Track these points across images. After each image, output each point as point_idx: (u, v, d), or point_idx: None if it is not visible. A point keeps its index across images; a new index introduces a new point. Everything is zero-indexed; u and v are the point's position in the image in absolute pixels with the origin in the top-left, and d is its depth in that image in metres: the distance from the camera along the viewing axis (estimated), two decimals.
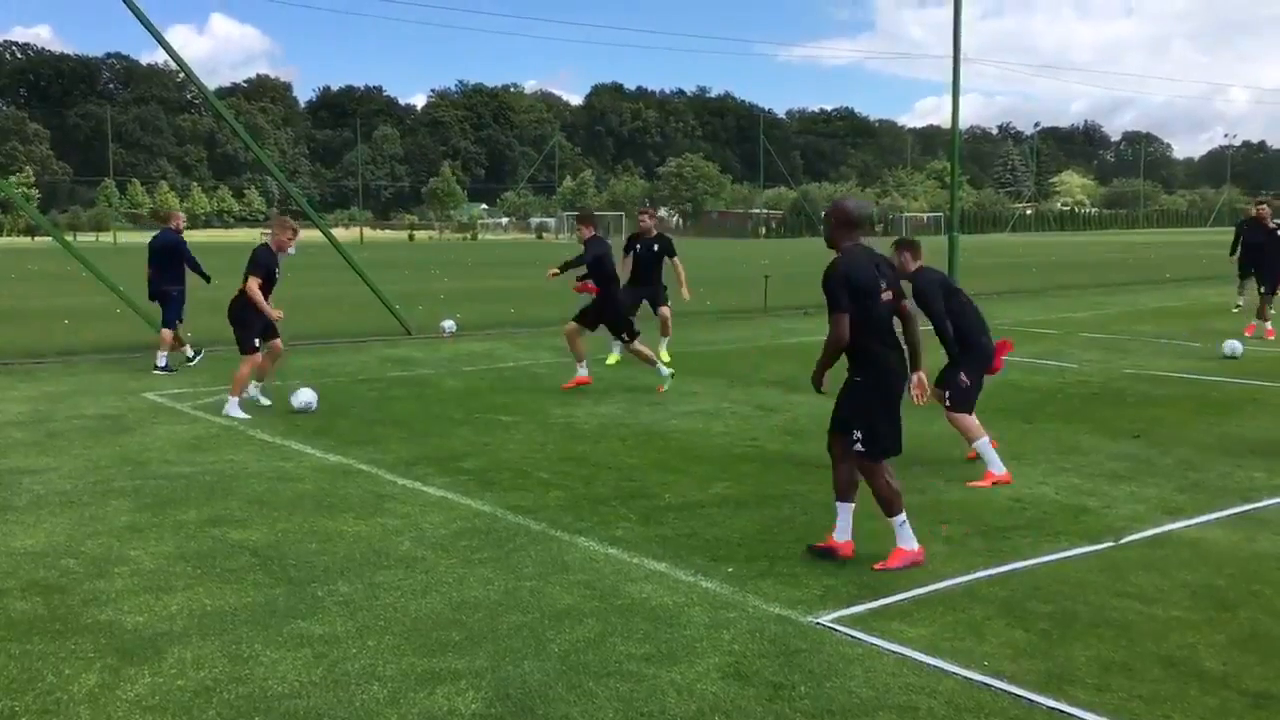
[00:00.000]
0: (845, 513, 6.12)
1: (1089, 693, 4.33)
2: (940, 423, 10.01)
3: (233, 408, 10.47)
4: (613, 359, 13.74)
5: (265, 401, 10.98)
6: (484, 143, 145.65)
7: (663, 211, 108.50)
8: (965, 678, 4.49)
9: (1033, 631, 4.98)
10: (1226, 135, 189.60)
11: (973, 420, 8.04)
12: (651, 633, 5.02)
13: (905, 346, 6.07)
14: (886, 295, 5.88)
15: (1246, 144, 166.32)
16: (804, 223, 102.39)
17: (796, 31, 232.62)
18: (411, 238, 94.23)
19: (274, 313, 10.66)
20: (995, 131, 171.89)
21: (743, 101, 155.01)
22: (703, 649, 4.82)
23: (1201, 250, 47.18)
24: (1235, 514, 6.91)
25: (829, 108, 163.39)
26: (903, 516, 5.93)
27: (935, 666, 4.60)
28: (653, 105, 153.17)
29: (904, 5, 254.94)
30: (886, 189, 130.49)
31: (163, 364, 13.57)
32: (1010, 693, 4.34)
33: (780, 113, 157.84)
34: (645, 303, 13.90)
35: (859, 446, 5.93)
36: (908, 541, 5.93)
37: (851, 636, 4.95)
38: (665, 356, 13.58)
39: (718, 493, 7.57)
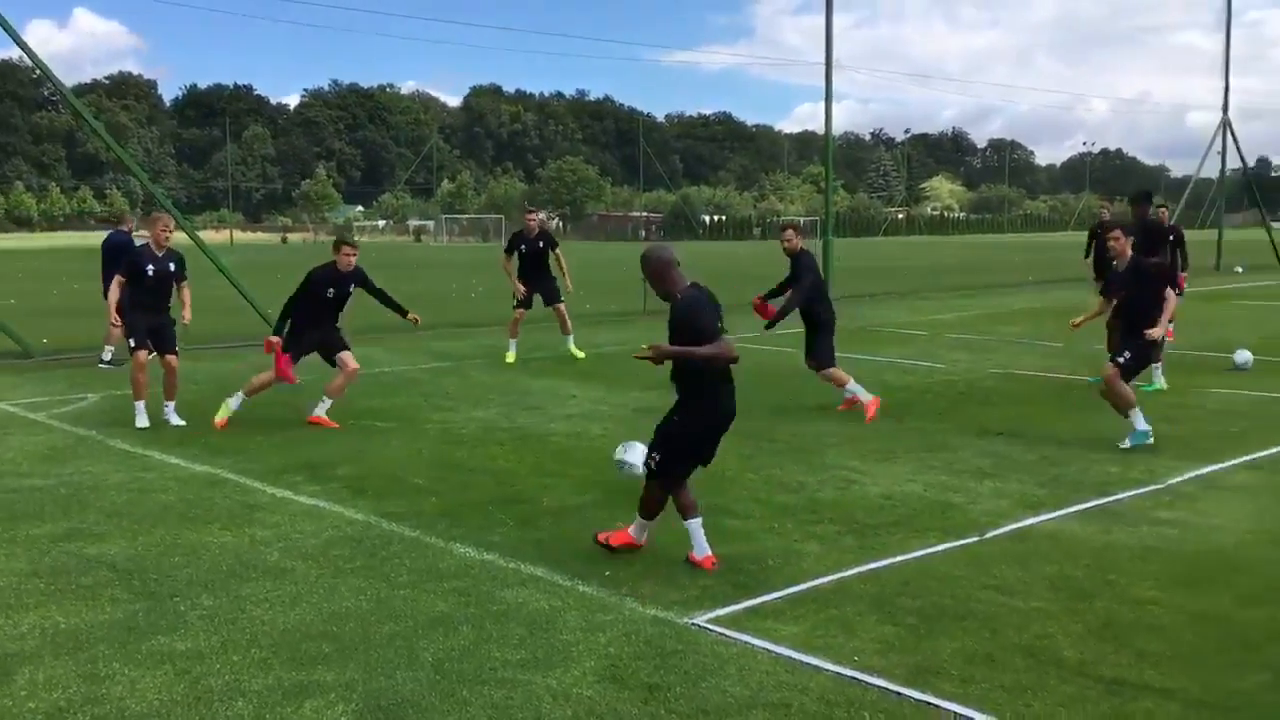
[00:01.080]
0: (695, 530, 6.05)
1: (954, 684, 4.45)
2: (816, 424, 10.21)
3: (141, 417, 10.09)
4: (510, 357, 14.58)
5: (176, 421, 10.18)
6: (360, 144, 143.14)
7: (543, 214, 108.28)
8: (837, 673, 4.57)
9: (901, 626, 5.09)
10: (1086, 143, 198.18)
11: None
12: (527, 638, 4.98)
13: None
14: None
15: (1105, 151, 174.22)
16: (684, 226, 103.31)
17: (676, 36, 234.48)
18: (285, 240, 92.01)
19: (114, 317, 10.20)
20: (869, 138, 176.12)
21: (622, 105, 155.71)
22: (579, 653, 4.80)
23: (1063, 253, 49.07)
24: (1092, 507, 7.18)
25: (708, 112, 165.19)
26: (652, 523, 6.16)
27: (808, 663, 4.67)
28: (532, 108, 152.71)
29: (781, 13, 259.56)
30: (764, 193, 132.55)
31: (107, 359, 14.14)
32: (879, 686, 4.43)
33: (660, 117, 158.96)
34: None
35: (651, 465, 5.98)
36: (640, 533, 6.18)
37: (726, 636, 4.99)
38: (578, 353, 14.76)
39: (596, 496, 7.56)
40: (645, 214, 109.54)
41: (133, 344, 10.20)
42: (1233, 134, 37.03)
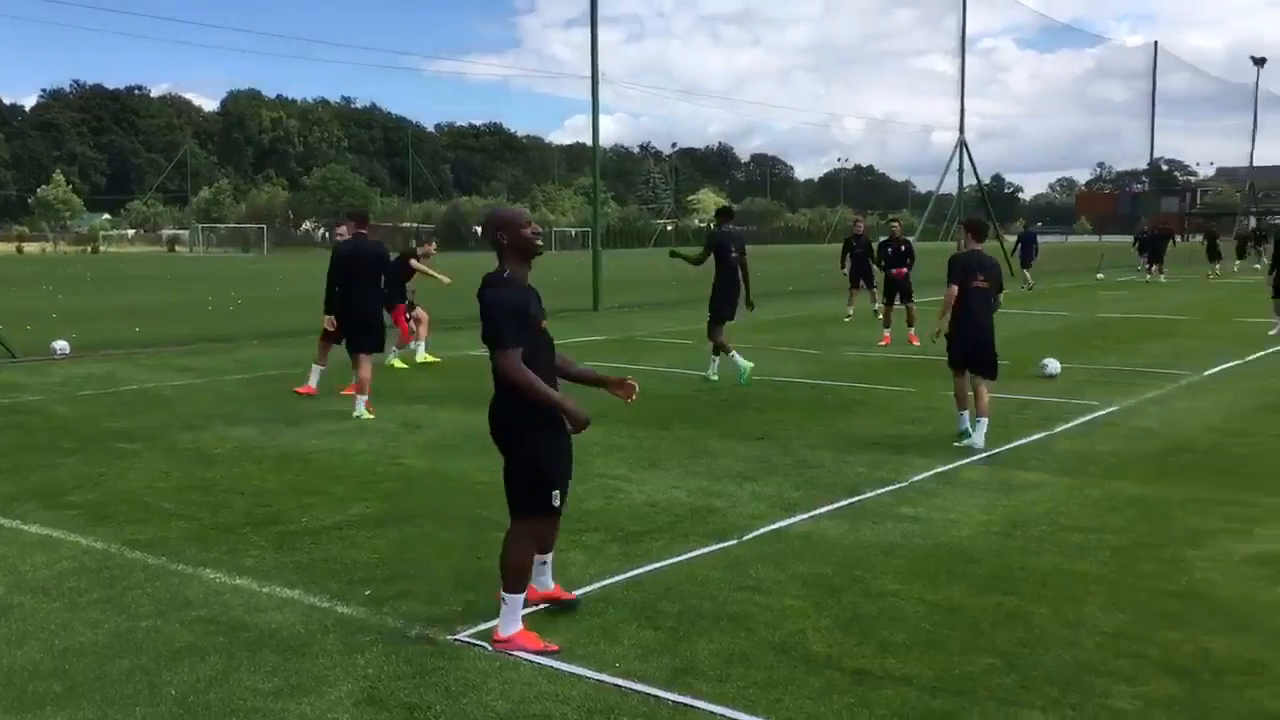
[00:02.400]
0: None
1: (710, 684, 4.57)
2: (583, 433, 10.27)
3: None
4: (397, 361, 14.82)
5: None
6: (105, 148, 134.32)
7: (306, 224, 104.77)
8: (598, 681, 4.61)
9: (662, 630, 5.19)
10: (840, 159, 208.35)
11: None
12: (280, 665, 4.78)
13: None
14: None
15: (858, 167, 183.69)
16: (456, 237, 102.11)
17: (445, 45, 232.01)
18: (20, 250, 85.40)
19: None
20: (637, 151, 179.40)
21: (390, 113, 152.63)
22: (335, 677, 4.65)
23: (819, 264, 51.39)
24: (843, 506, 7.53)
25: (479, 123, 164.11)
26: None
27: (570, 672, 4.69)
28: (295, 113, 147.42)
29: (550, 26, 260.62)
30: (536, 204, 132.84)
31: None
32: (639, 691, 4.50)
33: (429, 126, 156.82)
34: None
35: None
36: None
37: (489, 650, 4.95)
38: (429, 358, 15.15)
39: (358, 513, 7.36)
40: (416, 225, 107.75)
41: None
42: (968, 153, 39.88)
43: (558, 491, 5.11)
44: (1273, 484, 8.07)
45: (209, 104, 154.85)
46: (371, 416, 10.89)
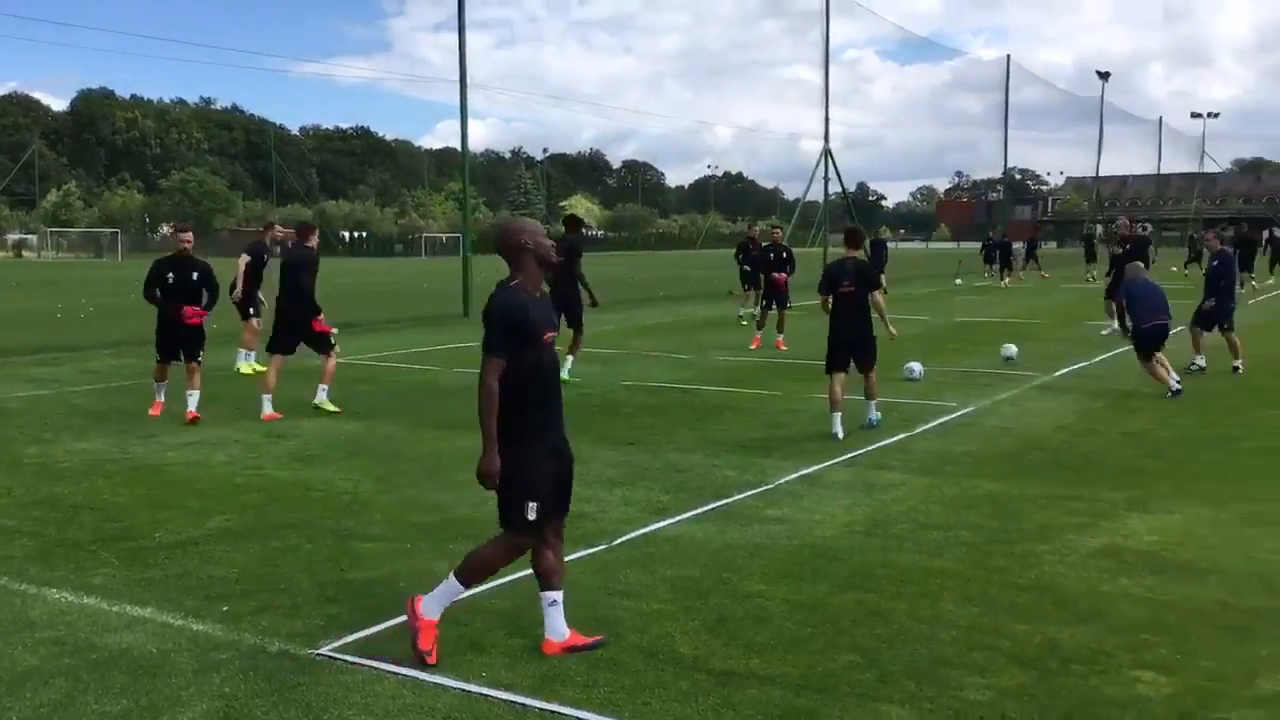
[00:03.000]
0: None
1: (578, 690, 4.56)
2: (455, 440, 10.17)
3: None
4: (246, 367, 14.72)
5: None
6: None
7: (164, 229, 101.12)
8: (464, 691, 4.55)
9: (530, 638, 5.15)
10: (710, 166, 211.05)
11: None
12: (131, 686, 4.60)
13: None
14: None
15: (727, 174, 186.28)
16: (323, 242, 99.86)
17: (311, 47, 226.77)
18: None
19: None
20: (509, 156, 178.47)
21: (252, 115, 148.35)
22: (189, 697, 4.50)
23: (691, 270, 51.96)
24: (711, 509, 7.62)
25: (345, 126, 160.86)
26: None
27: (435, 684, 4.63)
28: (151, 114, 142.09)
29: (419, 29, 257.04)
30: (405, 209, 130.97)
31: None
32: (506, 700, 4.46)
33: (294, 129, 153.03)
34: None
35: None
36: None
37: (352, 663, 4.86)
38: (256, 368, 14.64)
39: (216, 527, 7.13)
40: (281, 229, 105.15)
41: None
42: (833, 161, 40.90)
43: (533, 505, 4.92)
44: (1116, 480, 8.46)
45: (58, 103, 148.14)
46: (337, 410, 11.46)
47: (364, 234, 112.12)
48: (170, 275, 11.08)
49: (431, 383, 14.32)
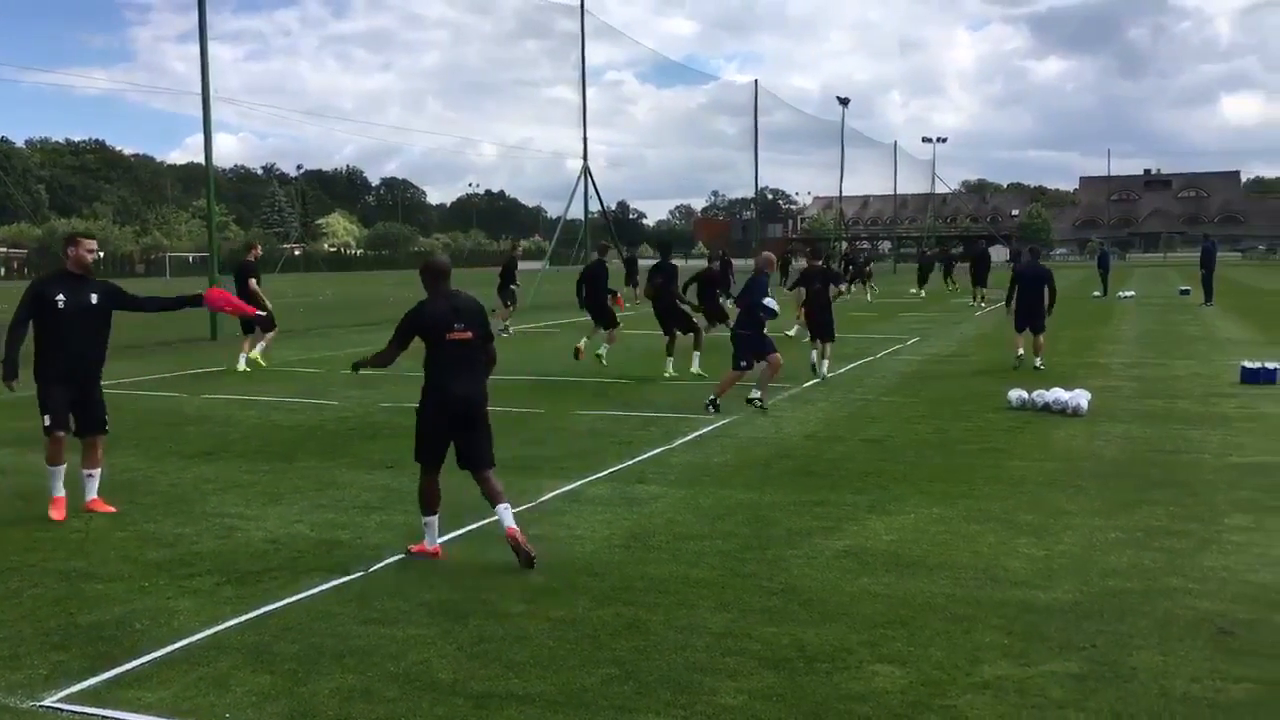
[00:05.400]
0: (430, 525, 7.01)
1: None
2: (198, 468, 9.66)
3: None
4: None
5: None
6: None
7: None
8: None
9: (279, 673, 4.95)
10: (471, 184, 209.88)
11: None
12: None
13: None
14: (464, 335, 6.91)
15: (488, 192, 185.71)
16: (53, 261, 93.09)
17: (41, 55, 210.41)
18: None
19: None
20: (260, 172, 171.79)
21: None
22: None
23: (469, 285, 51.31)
24: (472, 530, 7.53)
25: (78, 139, 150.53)
26: (431, 519, 6.95)
27: None
28: None
29: (164, 39, 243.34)
30: (148, 227, 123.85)
31: None
32: None
33: (19, 142, 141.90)
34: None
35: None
36: (430, 539, 6.98)
37: (82, 714, 4.53)
38: None
39: None
40: (4, 249, 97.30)
41: None
42: (592, 180, 41.39)
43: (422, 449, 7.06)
44: (858, 483, 8.93)
45: None
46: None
47: (101, 254, 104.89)
48: (61, 298, 7.97)
49: (175, 410, 13.57)
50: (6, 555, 6.94)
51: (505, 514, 6.81)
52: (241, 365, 18.04)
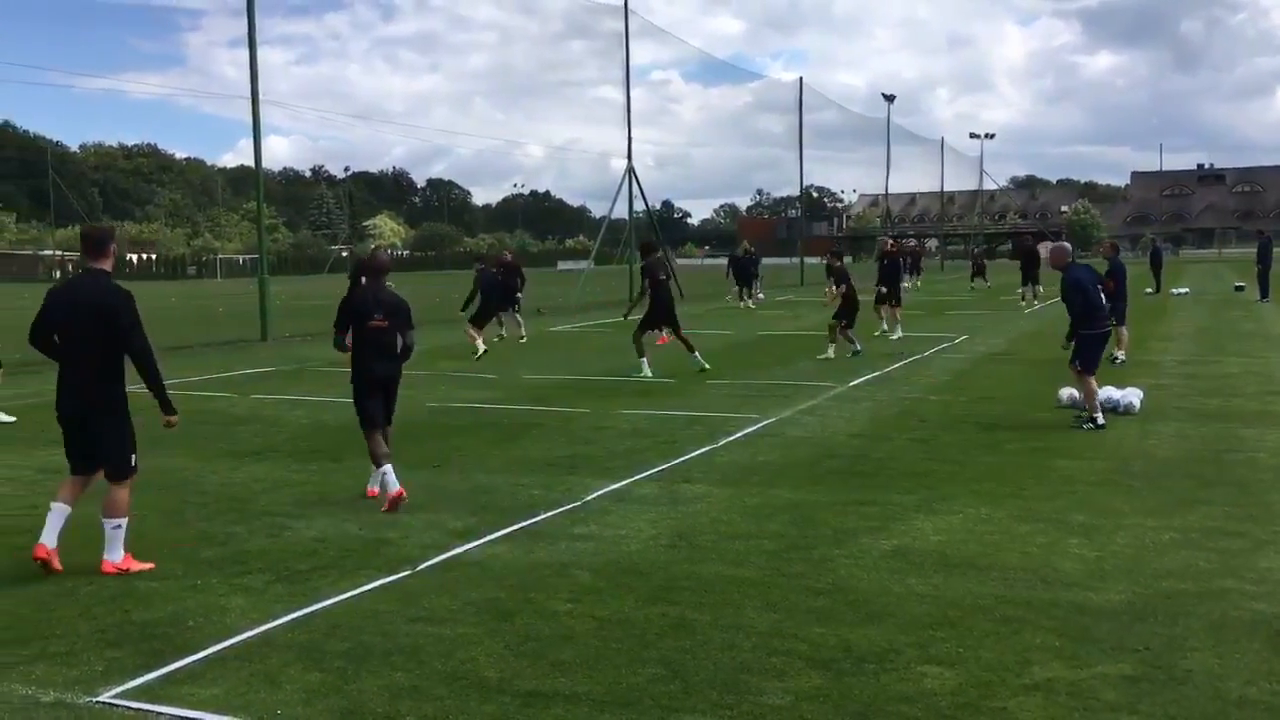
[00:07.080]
0: (385, 475, 8.18)
1: None
2: (248, 469, 9.79)
3: None
4: None
5: None
6: None
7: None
8: None
9: (329, 671, 5.00)
10: (516, 185, 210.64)
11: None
12: None
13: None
14: (381, 323, 8.30)
15: (534, 192, 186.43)
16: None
17: (95, 61, 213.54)
18: None
19: None
20: (309, 174, 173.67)
21: (26, 132, 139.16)
22: None
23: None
24: (518, 529, 7.57)
25: (131, 143, 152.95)
26: (385, 467, 8.15)
27: None
28: None
29: (215, 44, 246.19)
30: (199, 230, 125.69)
31: None
32: None
33: (74, 146, 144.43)
34: None
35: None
36: (373, 483, 8.42)
37: (137, 710, 4.60)
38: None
39: None
40: (59, 253, 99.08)
41: None
42: (636, 179, 41.40)
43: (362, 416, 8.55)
44: (905, 483, 8.86)
45: None
46: None
47: (152, 256, 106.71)
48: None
49: (225, 411, 13.76)
50: (62, 554, 7.05)
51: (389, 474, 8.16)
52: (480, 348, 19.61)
